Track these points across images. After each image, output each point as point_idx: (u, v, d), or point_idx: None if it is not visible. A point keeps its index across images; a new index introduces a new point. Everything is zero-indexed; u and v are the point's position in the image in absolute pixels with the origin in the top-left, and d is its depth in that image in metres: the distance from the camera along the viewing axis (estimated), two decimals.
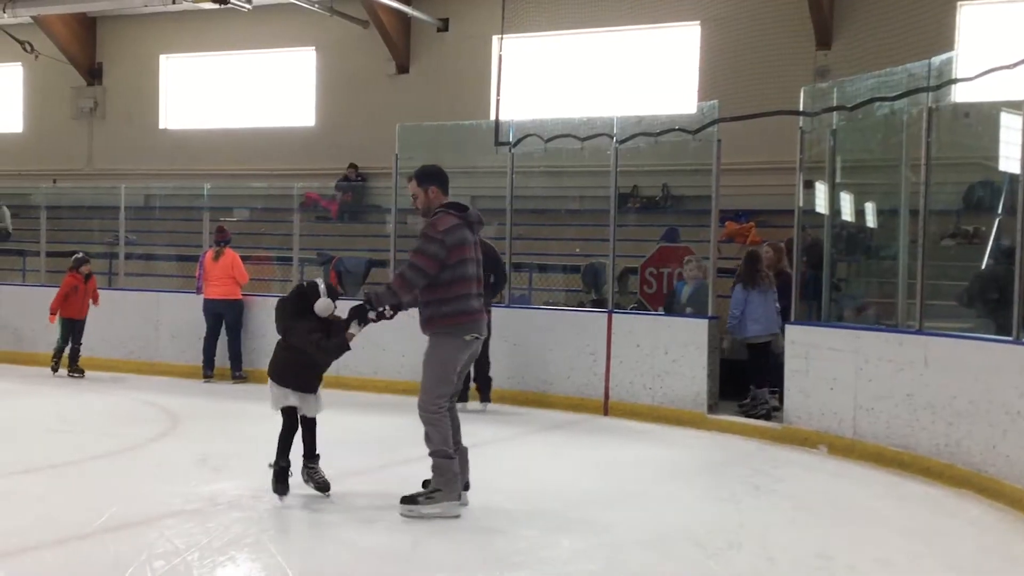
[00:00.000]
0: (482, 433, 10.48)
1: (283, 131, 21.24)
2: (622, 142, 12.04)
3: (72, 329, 13.97)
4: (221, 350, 13.79)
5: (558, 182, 16.02)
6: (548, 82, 18.08)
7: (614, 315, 11.98)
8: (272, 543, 6.24)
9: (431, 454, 7.10)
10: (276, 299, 7.72)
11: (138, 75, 22.86)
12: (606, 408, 11.83)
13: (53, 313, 13.80)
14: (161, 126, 22.82)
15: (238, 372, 13.75)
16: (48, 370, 13.97)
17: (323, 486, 7.42)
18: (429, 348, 7.15)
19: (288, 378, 7.32)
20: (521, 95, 15.92)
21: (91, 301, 14.15)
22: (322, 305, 7.21)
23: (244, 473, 8.19)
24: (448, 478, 7.08)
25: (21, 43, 21.03)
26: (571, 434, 10.88)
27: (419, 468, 7.46)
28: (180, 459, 8.85)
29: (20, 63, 23.39)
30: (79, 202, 20.24)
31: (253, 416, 11.17)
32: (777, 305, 11.51)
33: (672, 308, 12.18)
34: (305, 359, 7.27)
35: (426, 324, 7.12)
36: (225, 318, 13.77)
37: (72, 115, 23.49)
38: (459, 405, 11.60)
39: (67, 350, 13.97)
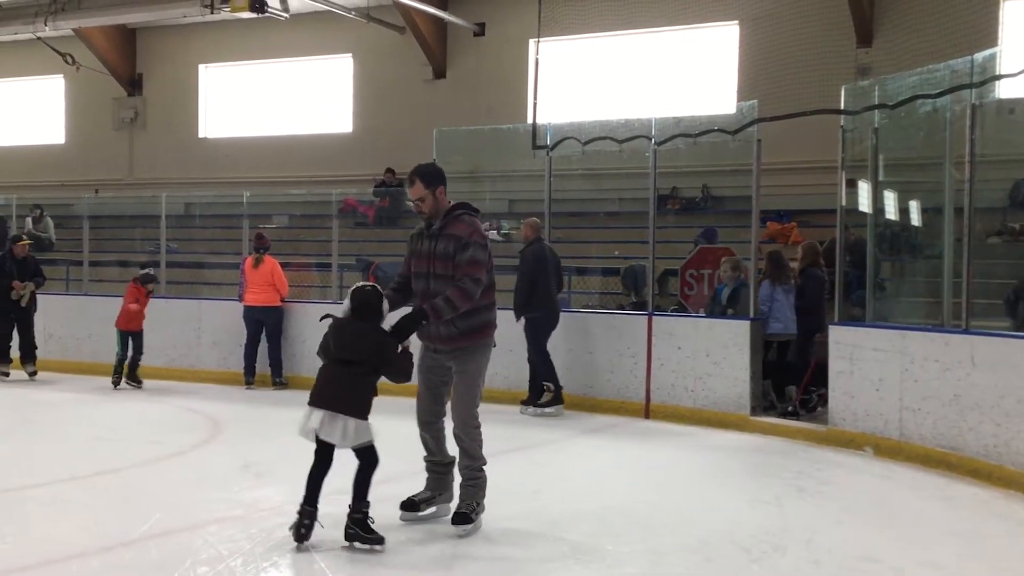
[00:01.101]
0: (524, 437, 10.48)
1: (321, 138, 21.34)
2: (661, 143, 11.98)
3: (132, 340, 13.80)
4: (262, 357, 13.84)
5: (596, 184, 15.97)
6: (585, 84, 18.05)
7: (654, 317, 11.92)
8: (315, 549, 6.21)
9: (473, 468, 6.83)
10: (327, 312, 6.57)
11: (177, 85, 23.06)
12: (647, 411, 11.77)
13: (118, 326, 13.74)
14: (200, 135, 22.99)
15: (278, 378, 13.80)
16: (108, 381, 13.80)
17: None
18: (467, 360, 6.76)
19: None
20: (558, 98, 15.91)
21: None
22: (387, 307, 6.54)
23: (286, 479, 8.18)
24: (485, 489, 6.90)
25: (63, 55, 21.26)
26: (612, 437, 10.82)
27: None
28: (222, 465, 8.89)
29: (62, 75, 23.66)
30: (121, 212, 20.40)
31: (293, 422, 11.20)
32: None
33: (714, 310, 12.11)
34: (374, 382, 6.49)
35: (470, 334, 6.71)
36: (265, 325, 13.82)
37: (113, 125, 23.73)
38: (557, 408, 11.72)
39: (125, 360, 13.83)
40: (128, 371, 13.78)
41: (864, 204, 10.54)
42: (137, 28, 23.30)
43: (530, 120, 13.23)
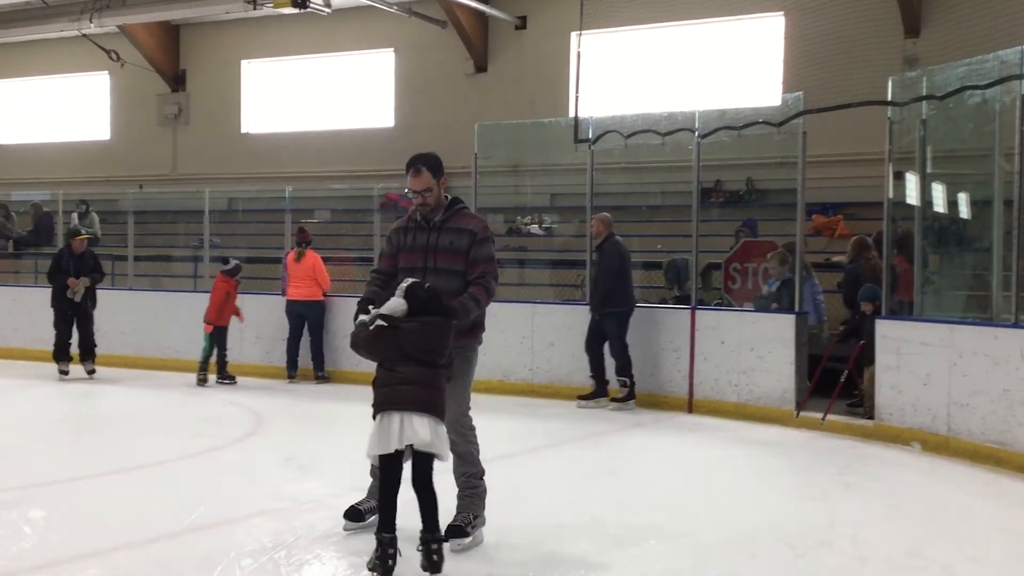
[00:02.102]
0: (566, 432, 10.48)
1: (362, 132, 21.35)
2: (704, 136, 11.91)
3: (220, 337, 13.64)
4: (304, 351, 13.89)
5: (639, 178, 15.87)
6: (628, 78, 17.91)
7: (698, 311, 11.84)
8: (358, 541, 6.21)
9: (470, 476, 6.38)
10: (379, 312, 5.79)
11: (220, 81, 23.17)
12: (690, 406, 11.70)
13: (209, 323, 13.51)
14: (243, 130, 23.09)
15: (320, 372, 13.84)
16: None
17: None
18: (464, 360, 6.25)
19: None
20: (601, 91, 15.81)
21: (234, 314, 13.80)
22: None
23: (328, 472, 8.24)
24: (484, 499, 6.45)
25: (107, 52, 21.41)
26: (655, 432, 10.77)
27: (500, 466, 7.38)
28: (266, 459, 8.92)
29: (107, 72, 23.82)
30: (165, 207, 20.52)
31: (336, 416, 11.29)
32: (820, 297, 11.91)
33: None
34: None
35: (470, 333, 6.29)
36: (307, 319, 13.88)
37: (157, 121, 23.88)
38: (630, 404, 11.72)
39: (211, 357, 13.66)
40: (218, 369, 13.63)
41: (912, 197, 10.40)
42: (181, 25, 23.43)
43: (572, 114, 13.19)
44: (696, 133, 11.93)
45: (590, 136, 12.68)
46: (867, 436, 10.18)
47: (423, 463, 5.67)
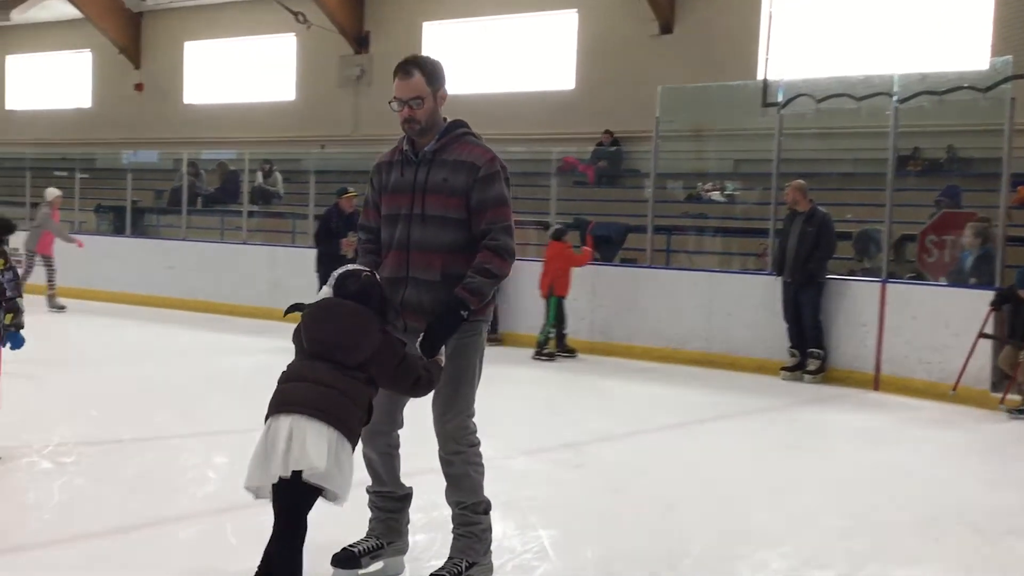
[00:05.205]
0: (743, 404, 10.23)
1: (542, 95, 21.20)
2: (903, 101, 11.39)
3: (560, 308, 12.28)
4: None
5: (830, 144, 15.35)
6: (822, 38, 17.29)
7: (888, 285, 11.31)
8: (526, 502, 6.09)
9: (466, 508, 4.80)
10: (296, 302, 5.09)
11: (402, 42, 23.26)
12: (877, 382, 11.20)
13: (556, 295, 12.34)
14: None
15: (493, 334, 13.74)
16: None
17: None
18: (463, 346, 4.76)
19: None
20: (792, 53, 15.32)
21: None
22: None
23: (502, 434, 8.06)
24: (488, 542, 4.87)
25: (294, 14, 21.86)
26: (839, 408, 10.38)
27: (671, 436, 7.11)
28: (426, 419, 8.84)
29: (293, 33, 24.31)
30: (345, 167, 20.79)
31: (509, 377, 11.19)
32: None
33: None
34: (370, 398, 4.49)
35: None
36: None
37: (339, 83, 24.25)
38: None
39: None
40: (558, 342, 12.22)
41: None
42: None
43: (760, 76, 12.77)
44: (894, 98, 11.42)
45: (779, 99, 12.33)
46: None
47: (296, 491, 4.09)
